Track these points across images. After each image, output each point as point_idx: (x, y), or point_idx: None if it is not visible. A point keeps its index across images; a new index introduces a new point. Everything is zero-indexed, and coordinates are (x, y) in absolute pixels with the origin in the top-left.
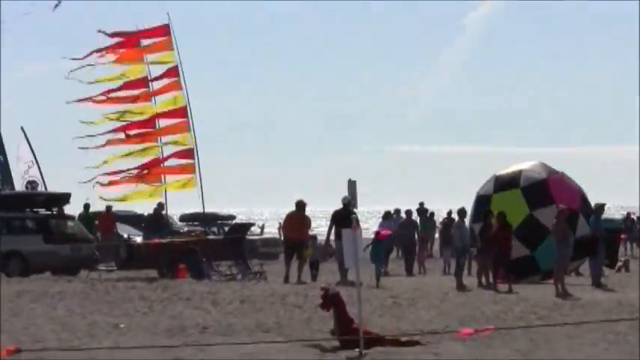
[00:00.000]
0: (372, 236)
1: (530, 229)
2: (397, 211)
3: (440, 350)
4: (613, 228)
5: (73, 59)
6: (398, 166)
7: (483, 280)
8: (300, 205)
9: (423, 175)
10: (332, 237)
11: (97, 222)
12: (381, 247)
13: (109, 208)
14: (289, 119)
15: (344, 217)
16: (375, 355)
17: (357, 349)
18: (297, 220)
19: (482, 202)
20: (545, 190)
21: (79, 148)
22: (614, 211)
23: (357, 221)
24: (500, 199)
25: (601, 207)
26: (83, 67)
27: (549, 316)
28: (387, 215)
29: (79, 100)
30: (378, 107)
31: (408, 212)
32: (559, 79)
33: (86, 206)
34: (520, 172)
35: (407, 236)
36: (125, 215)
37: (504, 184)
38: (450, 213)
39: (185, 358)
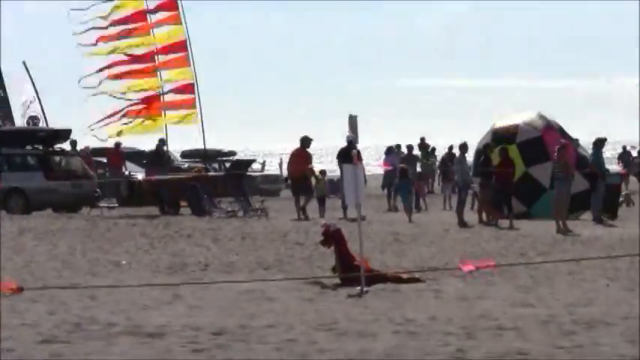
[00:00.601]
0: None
1: (526, 186)
2: (398, 147)
3: (441, 287)
4: (611, 182)
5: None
6: (405, 100)
7: (484, 216)
8: (304, 141)
9: (429, 109)
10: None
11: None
12: (405, 183)
13: (117, 144)
14: (295, 54)
15: (348, 155)
16: (376, 292)
17: (358, 287)
18: (300, 155)
19: (480, 156)
20: (542, 146)
21: (83, 87)
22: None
23: (359, 155)
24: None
25: (601, 141)
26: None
27: (550, 252)
28: (389, 150)
29: (83, 32)
30: (385, 41)
31: (409, 147)
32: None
33: (73, 143)
34: (516, 126)
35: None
36: (127, 152)
37: (500, 138)
38: (450, 148)
39: (186, 295)
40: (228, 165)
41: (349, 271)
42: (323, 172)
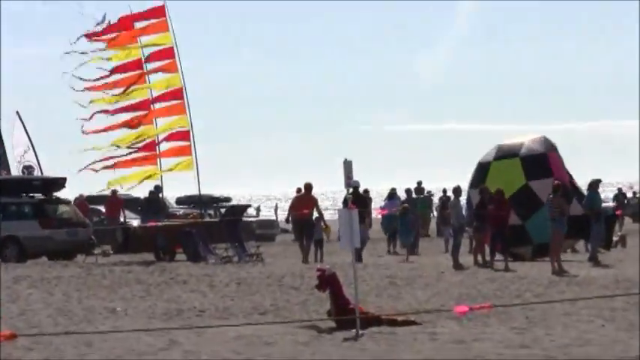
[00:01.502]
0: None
1: (524, 199)
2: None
3: (436, 329)
4: (607, 215)
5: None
6: (394, 145)
7: (479, 258)
8: (308, 187)
9: (418, 153)
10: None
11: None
12: (407, 222)
13: (114, 191)
14: (285, 100)
15: (356, 201)
16: (372, 335)
17: (354, 330)
18: (306, 201)
19: (482, 169)
20: (545, 163)
21: (82, 132)
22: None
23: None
24: (499, 167)
25: (597, 182)
26: (76, 52)
27: (545, 293)
28: (392, 195)
29: (83, 90)
30: (374, 86)
31: (408, 191)
32: (559, 55)
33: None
34: (522, 143)
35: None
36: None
37: (505, 152)
38: (444, 191)
39: (182, 341)
40: (223, 211)
41: (344, 314)
42: (320, 217)
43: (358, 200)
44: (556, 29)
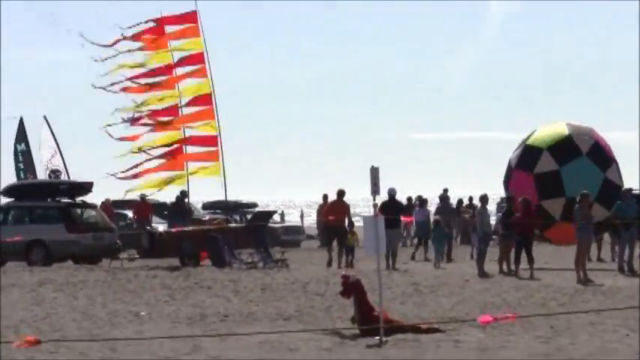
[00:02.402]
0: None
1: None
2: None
3: (460, 337)
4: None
5: (98, 45)
6: (420, 153)
7: (504, 266)
8: (341, 193)
9: (443, 162)
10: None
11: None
12: (440, 231)
13: (142, 196)
14: (312, 105)
15: (391, 208)
16: (395, 342)
17: (377, 337)
18: (339, 207)
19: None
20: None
21: (115, 138)
22: None
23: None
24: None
25: (628, 191)
26: (108, 58)
27: (570, 302)
28: (423, 202)
29: (107, 86)
30: (401, 95)
31: (443, 198)
32: (581, 65)
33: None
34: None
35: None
36: (151, 204)
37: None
38: (470, 199)
39: (205, 346)
40: (249, 216)
41: (368, 321)
42: (352, 224)
43: (394, 208)
44: (585, 35)
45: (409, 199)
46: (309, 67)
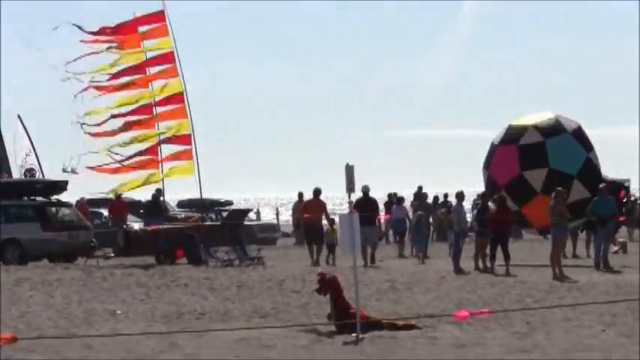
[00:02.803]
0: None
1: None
2: (394, 195)
3: (437, 334)
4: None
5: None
6: (396, 150)
7: (480, 263)
8: (317, 192)
9: (419, 159)
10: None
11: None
12: (420, 227)
13: (118, 195)
14: (286, 103)
15: (365, 205)
16: (372, 339)
17: (354, 334)
18: (315, 205)
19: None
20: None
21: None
22: None
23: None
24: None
25: (605, 188)
26: (81, 57)
27: (546, 298)
28: (400, 200)
29: (83, 90)
30: (376, 91)
31: (422, 195)
32: (560, 60)
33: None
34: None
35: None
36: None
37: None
38: (446, 196)
39: (182, 344)
40: (224, 214)
41: (345, 318)
42: (332, 221)
43: (368, 205)
44: (563, 32)
45: (390, 195)
46: (285, 65)
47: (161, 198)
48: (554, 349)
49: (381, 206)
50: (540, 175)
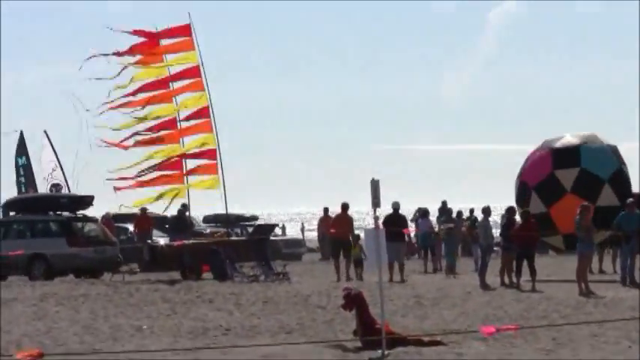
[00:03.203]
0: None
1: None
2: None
3: (462, 350)
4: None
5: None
6: (419, 164)
7: (506, 278)
8: (345, 207)
9: (443, 174)
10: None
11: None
12: (451, 241)
13: (143, 210)
14: (311, 117)
15: (395, 221)
16: (397, 355)
17: (380, 350)
18: (343, 220)
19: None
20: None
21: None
22: None
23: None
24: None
25: (633, 203)
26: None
27: (573, 314)
28: (425, 213)
29: (106, 108)
30: (399, 105)
31: (446, 210)
32: (582, 77)
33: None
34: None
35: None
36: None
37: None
38: (472, 211)
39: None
40: (250, 229)
41: (370, 334)
42: (358, 237)
43: (398, 221)
44: (585, 48)
45: (420, 210)
46: (309, 79)
47: (187, 213)
48: None
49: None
50: (572, 174)
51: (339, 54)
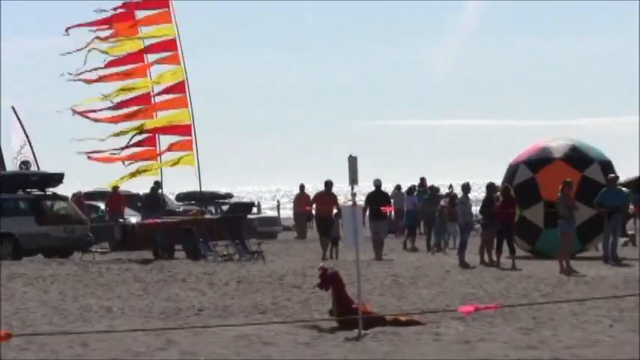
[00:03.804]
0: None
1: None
2: (398, 187)
3: (441, 330)
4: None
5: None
6: (397, 140)
7: (486, 256)
8: (328, 184)
9: (422, 149)
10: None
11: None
12: (442, 219)
13: (115, 187)
14: (290, 95)
15: (376, 199)
16: (375, 335)
17: (356, 330)
18: (327, 197)
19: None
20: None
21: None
22: None
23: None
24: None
25: (613, 179)
26: (79, 50)
27: (553, 293)
28: (411, 190)
29: (76, 75)
30: (378, 81)
31: (432, 188)
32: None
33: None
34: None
35: (429, 212)
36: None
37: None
38: (450, 187)
39: (179, 341)
40: (224, 207)
41: (347, 314)
42: (338, 214)
43: (380, 198)
44: (565, 25)
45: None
46: (288, 55)
47: (160, 191)
48: (560, 344)
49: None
50: (564, 146)
51: (319, 31)
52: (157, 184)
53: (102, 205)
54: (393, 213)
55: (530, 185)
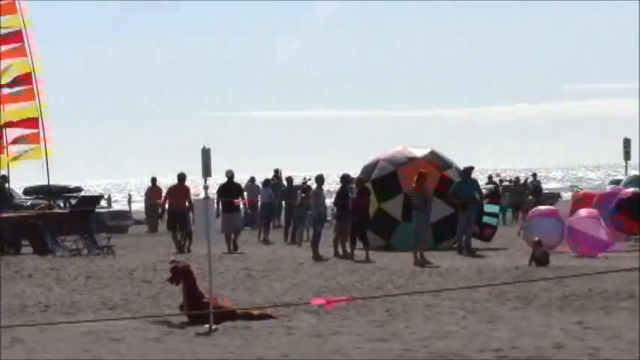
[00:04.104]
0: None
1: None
2: (252, 180)
3: (293, 323)
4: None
5: None
6: (254, 131)
7: (340, 249)
8: (181, 177)
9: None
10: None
11: None
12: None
13: None
14: (144, 85)
15: (228, 190)
16: (225, 329)
17: (207, 325)
18: (180, 191)
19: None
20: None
21: None
22: None
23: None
24: None
25: (468, 170)
26: None
27: (407, 285)
28: (267, 182)
29: None
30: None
31: (290, 179)
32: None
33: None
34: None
35: (289, 204)
36: None
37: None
38: (304, 179)
39: (25, 338)
40: (74, 201)
41: (197, 308)
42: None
43: (232, 190)
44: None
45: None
46: (135, 47)
47: (6, 185)
48: (413, 336)
49: None
50: (424, 151)
51: (172, 18)
52: (4, 178)
53: None
54: (247, 205)
55: (391, 178)
